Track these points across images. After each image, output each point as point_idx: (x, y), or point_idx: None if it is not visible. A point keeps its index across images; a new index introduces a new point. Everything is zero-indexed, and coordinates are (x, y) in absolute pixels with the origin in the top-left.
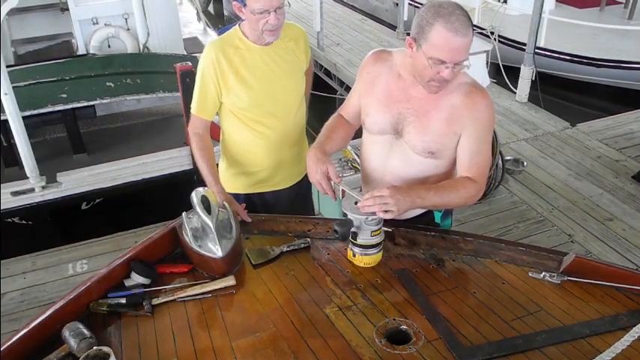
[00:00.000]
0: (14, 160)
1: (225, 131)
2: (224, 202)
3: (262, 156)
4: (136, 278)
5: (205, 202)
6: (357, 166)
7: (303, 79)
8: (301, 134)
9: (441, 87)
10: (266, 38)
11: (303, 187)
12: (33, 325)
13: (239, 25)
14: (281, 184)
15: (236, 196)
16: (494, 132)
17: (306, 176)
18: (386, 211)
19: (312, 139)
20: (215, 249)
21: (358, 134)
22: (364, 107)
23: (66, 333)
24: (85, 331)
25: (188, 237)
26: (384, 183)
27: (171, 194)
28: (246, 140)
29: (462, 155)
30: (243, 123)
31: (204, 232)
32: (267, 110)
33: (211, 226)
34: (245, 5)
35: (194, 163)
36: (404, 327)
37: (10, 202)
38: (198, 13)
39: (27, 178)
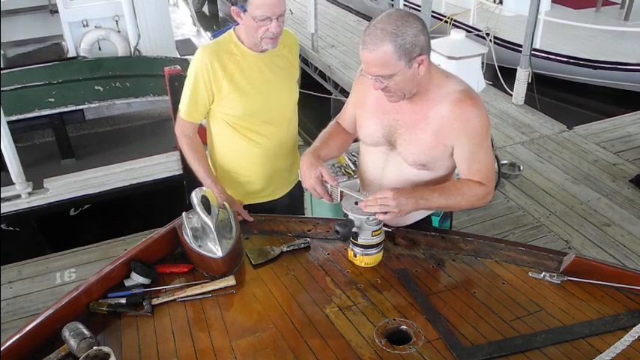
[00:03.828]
0: (0, 165)
1: (216, 140)
2: (224, 202)
3: (257, 166)
4: (136, 278)
5: (205, 202)
6: (351, 172)
7: (296, 87)
8: (295, 143)
9: None
10: (264, 46)
11: (295, 195)
12: (33, 325)
13: (234, 29)
14: (274, 195)
15: None
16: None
17: (298, 184)
18: (385, 213)
19: (306, 142)
20: (215, 249)
21: (355, 139)
22: (358, 119)
23: (66, 333)
24: (85, 331)
25: (188, 237)
26: None
27: (161, 200)
28: (240, 150)
29: (459, 165)
30: (236, 132)
31: (204, 232)
32: (262, 119)
33: (211, 226)
34: (245, 11)
35: (184, 168)
36: (404, 327)
37: None
38: (192, 17)
39: (13, 183)
